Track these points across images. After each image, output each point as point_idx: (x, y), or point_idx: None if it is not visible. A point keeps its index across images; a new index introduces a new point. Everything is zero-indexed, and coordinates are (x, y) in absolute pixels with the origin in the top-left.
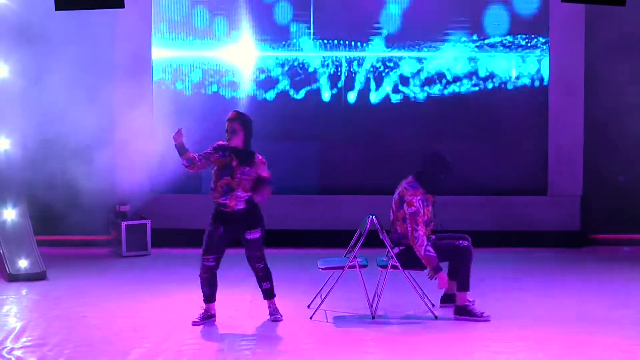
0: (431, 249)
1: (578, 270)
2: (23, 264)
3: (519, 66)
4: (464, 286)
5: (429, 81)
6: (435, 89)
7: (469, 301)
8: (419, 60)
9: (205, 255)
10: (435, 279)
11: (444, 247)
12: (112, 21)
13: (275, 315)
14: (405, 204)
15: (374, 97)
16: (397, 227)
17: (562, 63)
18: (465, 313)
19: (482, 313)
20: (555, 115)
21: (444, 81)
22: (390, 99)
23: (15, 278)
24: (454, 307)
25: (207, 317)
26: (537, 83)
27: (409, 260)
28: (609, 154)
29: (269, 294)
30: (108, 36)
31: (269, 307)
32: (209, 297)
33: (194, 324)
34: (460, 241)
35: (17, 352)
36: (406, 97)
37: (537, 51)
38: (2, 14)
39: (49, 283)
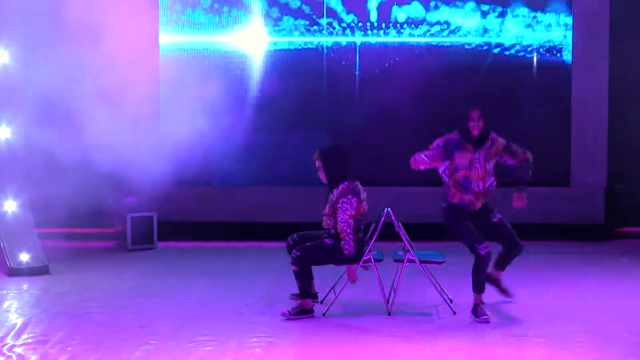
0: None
1: (603, 264)
2: (24, 257)
3: (542, 52)
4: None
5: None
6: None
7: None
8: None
9: None
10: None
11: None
12: (117, 5)
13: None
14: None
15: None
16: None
17: (585, 49)
18: (472, 311)
19: (485, 317)
20: (578, 103)
21: (458, 62)
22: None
23: (17, 272)
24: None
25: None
26: (560, 69)
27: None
28: (635, 144)
29: None
30: (113, 21)
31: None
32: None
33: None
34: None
35: (18, 350)
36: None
37: (561, 35)
38: None
39: (52, 277)
